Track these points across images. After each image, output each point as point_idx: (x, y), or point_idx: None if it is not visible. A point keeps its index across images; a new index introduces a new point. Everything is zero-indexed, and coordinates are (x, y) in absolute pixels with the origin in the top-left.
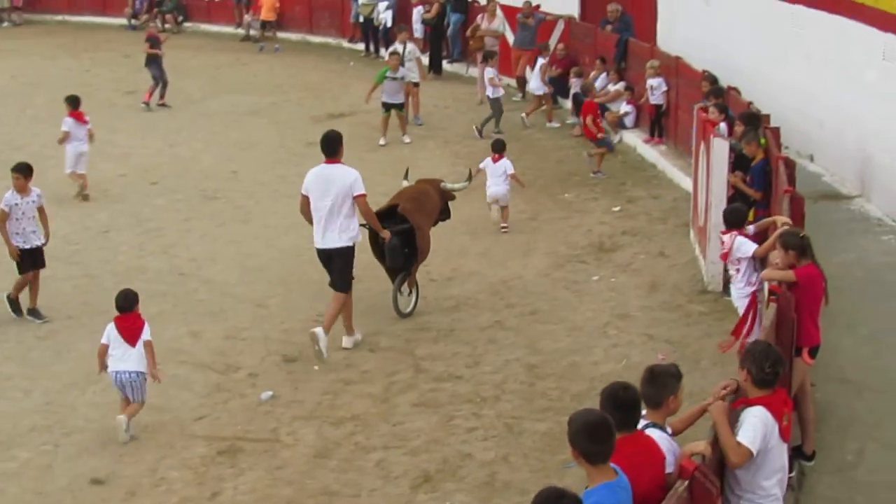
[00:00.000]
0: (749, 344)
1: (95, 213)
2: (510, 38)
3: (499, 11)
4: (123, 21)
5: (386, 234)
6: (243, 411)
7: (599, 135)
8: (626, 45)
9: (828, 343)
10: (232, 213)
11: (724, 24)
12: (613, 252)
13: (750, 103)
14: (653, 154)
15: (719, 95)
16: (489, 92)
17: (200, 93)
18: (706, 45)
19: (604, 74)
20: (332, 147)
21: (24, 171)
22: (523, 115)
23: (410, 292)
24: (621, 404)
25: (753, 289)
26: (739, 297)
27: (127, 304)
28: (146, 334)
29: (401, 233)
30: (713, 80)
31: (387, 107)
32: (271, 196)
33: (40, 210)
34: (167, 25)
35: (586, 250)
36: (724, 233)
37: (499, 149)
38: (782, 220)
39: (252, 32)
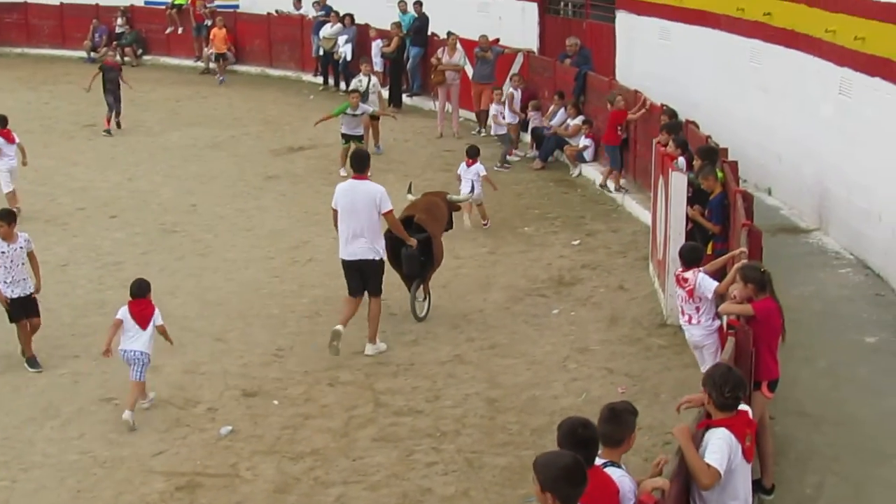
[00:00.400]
0: (710, 368)
1: (54, 247)
2: (470, 71)
3: (459, 45)
4: (83, 54)
5: (413, 242)
6: (202, 446)
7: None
8: (584, 78)
9: (786, 376)
10: (191, 246)
11: (683, 58)
12: (573, 286)
13: (708, 137)
14: (612, 187)
15: (674, 130)
16: (493, 129)
17: (160, 126)
18: (665, 78)
19: (562, 109)
20: (361, 163)
21: (6, 218)
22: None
23: (424, 298)
24: (580, 441)
25: (719, 324)
26: (707, 333)
27: (140, 291)
28: (158, 319)
29: (417, 242)
30: (672, 115)
31: (346, 138)
32: (231, 229)
33: (30, 255)
34: (126, 58)
35: (546, 284)
36: (682, 271)
37: (473, 154)
38: (739, 252)
39: (211, 65)
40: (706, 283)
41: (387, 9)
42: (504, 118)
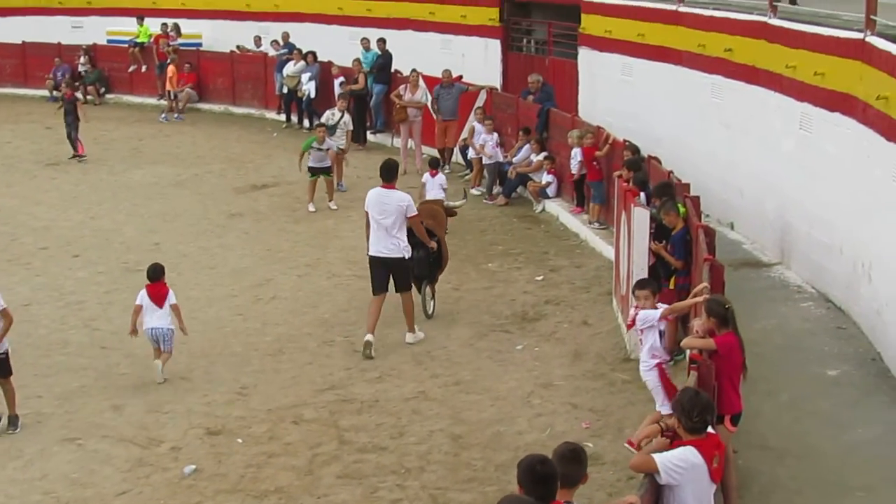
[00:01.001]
0: (679, 393)
1: (16, 287)
2: (432, 108)
3: (421, 82)
4: (45, 93)
5: (433, 244)
6: (166, 486)
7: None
8: (547, 115)
9: (749, 409)
10: None
11: (645, 94)
12: (537, 321)
13: (670, 172)
14: (575, 223)
15: (634, 168)
16: (485, 160)
17: (123, 164)
18: (627, 114)
19: (527, 145)
20: (390, 174)
21: None
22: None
23: (432, 297)
24: (540, 478)
25: (658, 361)
26: (645, 369)
27: (155, 275)
28: (172, 298)
29: (427, 246)
30: (634, 150)
31: (314, 171)
32: (194, 268)
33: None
34: (89, 97)
35: (510, 320)
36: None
37: (435, 165)
38: (702, 294)
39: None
40: (648, 315)
41: (349, 46)
42: (489, 148)
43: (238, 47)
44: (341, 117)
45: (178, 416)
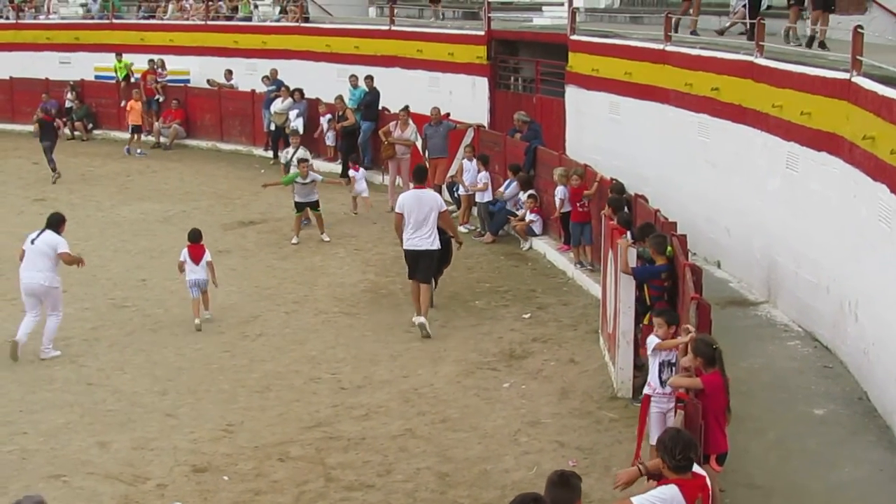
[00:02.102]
0: (661, 433)
1: (2, 323)
2: (420, 146)
3: (410, 121)
4: (32, 128)
5: (462, 239)
6: None
7: None
8: (534, 153)
9: (736, 448)
10: (141, 321)
11: (632, 133)
12: (524, 359)
13: (657, 211)
14: (563, 261)
15: (618, 207)
16: (478, 196)
17: (110, 200)
18: (614, 152)
19: (514, 182)
20: (421, 176)
21: None
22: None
23: (435, 287)
24: None
25: (645, 391)
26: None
27: (195, 238)
28: (208, 257)
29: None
30: (619, 190)
31: (300, 206)
32: (181, 304)
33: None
34: (77, 133)
35: (497, 357)
36: (675, 332)
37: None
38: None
39: (162, 139)
40: (648, 341)
41: (337, 83)
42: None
43: (209, 81)
44: (294, 153)
45: (165, 452)
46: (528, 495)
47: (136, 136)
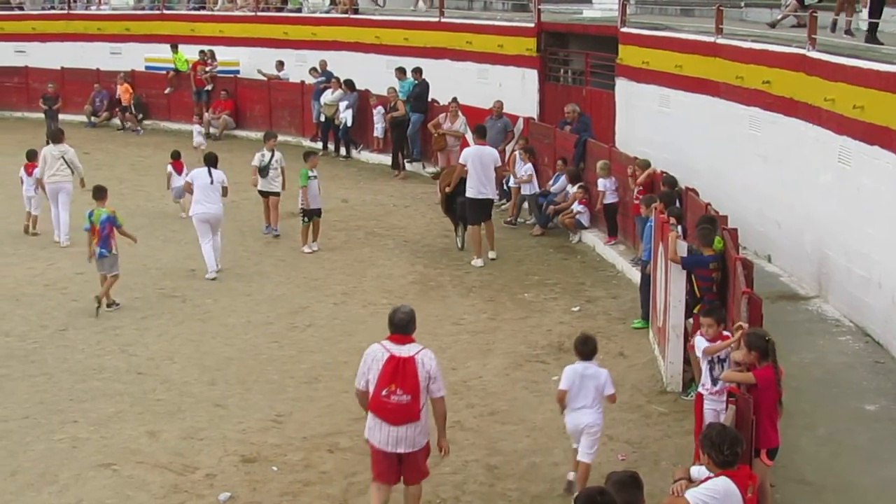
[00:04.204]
0: (705, 429)
1: (53, 311)
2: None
3: (460, 112)
4: (83, 118)
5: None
6: None
7: None
8: (584, 145)
9: (787, 444)
10: (190, 311)
11: (682, 126)
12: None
13: (708, 204)
14: (611, 254)
15: (670, 201)
16: (524, 188)
17: (159, 191)
18: (664, 145)
19: (564, 175)
20: (483, 133)
21: None
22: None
23: (463, 233)
24: None
25: (699, 390)
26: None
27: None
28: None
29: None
30: (671, 184)
31: (310, 215)
32: (230, 294)
33: None
34: (128, 124)
35: (546, 350)
36: (723, 329)
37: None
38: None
39: (212, 130)
40: (696, 342)
41: (386, 75)
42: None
43: (259, 71)
44: (272, 157)
45: (214, 442)
46: (594, 489)
47: (128, 115)
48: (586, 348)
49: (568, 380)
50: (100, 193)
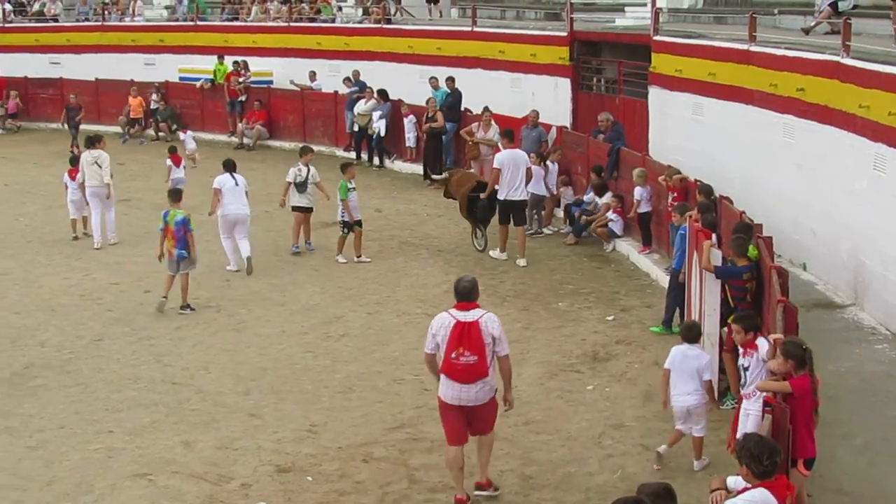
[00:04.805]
0: (741, 440)
1: (88, 322)
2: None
3: (493, 121)
4: (118, 129)
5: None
6: None
7: None
8: (618, 154)
9: (823, 453)
10: (225, 321)
11: (716, 134)
12: (608, 361)
13: (742, 212)
14: (646, 263)
15: (706, 210)
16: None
17: (193, 200)
18: (698, 153)
19: (593, 188)
20: (512, 136)
21: None
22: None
23: (482, 236)
24: None
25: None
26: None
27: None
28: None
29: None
30: (707, 192)
31: (350, 226)
32: (264, 304)
33: None
34: (161, 133)
35: (580, 360)
36: (753, 338)
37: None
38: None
39: (245, 140)
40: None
41: (419, 84)
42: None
43: (291, 82)
44: (308, 172)
45: (249, 452)
46: (629, 498)
47: (137, 128)
48: (690, 333)
49: (671, 359)
50: (175, 195)
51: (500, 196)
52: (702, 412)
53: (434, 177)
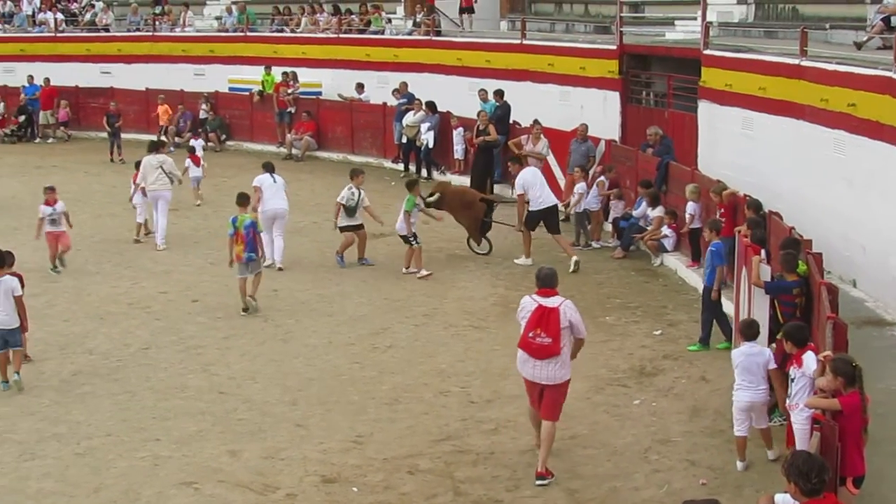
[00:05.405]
0: (790, 458)
1: (136, 330)
2: (552, 161)
3: (542, 135)
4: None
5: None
6: None
7: None
8: (667, 168)
9: (873, 472)
10: (272, 331)
11: (766, 148)
12: (654, 376)
13: (791, 228)
14: (694, 278)
15: (757, 226)
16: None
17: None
18: (747, 168)
19: (645, 199)
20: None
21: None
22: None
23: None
24: None
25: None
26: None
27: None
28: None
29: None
30: (756, 207)
31: (409, 240)
32: (312, 315)
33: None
34: (210, 143)
35: (627, 374)
36: (801, 352)
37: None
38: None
39: (294, 151)
40: (811, 364)
41: (468, 96)
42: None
43: (339, 95)
44: (360, 195)
45: (294, 462)
46: (702, 501)
47: (164, 136)
48: (751, 331)
49: (735, 361)
50: (243, 199)
51: (534, 208)
52: (764, 408)
53: (428, 200)
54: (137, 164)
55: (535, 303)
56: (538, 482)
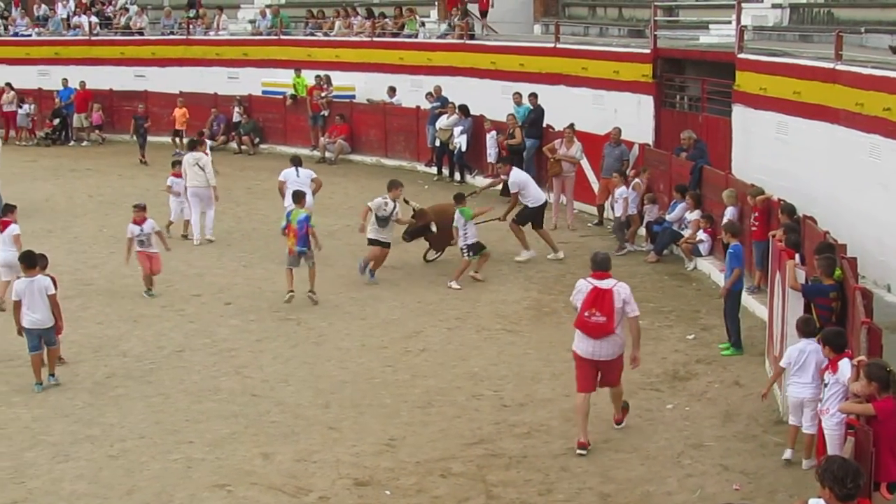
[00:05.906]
0: (824, 463)
1: (169, 333)
2: (586, 165)
3: (576, 138)
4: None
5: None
6: None
7: None
8: (700, 172)
9: None
10: (305, 334)
11: (800, 153)
12: (688, 381)
13: (826, 232)
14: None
15: (791, 231)
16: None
17: (276, 214)
18: (782, 173)
19: (682, 203)
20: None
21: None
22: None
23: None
24: None
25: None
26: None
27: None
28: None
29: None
30: (790, 212)
31: (475, 249)
32: (345, 318)
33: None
34: (244, 147)
35: (660, 378)
36: (837, 358)
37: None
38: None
39: (328, 154)
40: (847, 371)
41: (501, 100)
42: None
43: (368, 100)
44: (394, 207)
45: (327, 465)
46: None
47: (179, 141)
48: (808, 328)
49: (788, 358)
50: (299, 197)
51: (532, 205)
52: (814, 406)
53: (414, 205)
54: (175, 163)
55: (591, 285)
56: (616, 426)
